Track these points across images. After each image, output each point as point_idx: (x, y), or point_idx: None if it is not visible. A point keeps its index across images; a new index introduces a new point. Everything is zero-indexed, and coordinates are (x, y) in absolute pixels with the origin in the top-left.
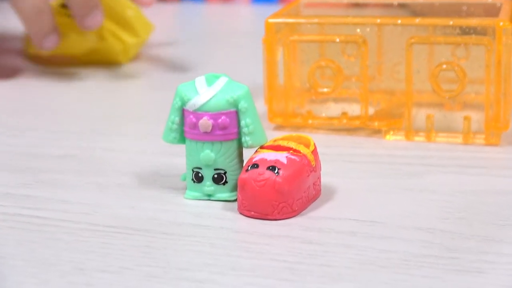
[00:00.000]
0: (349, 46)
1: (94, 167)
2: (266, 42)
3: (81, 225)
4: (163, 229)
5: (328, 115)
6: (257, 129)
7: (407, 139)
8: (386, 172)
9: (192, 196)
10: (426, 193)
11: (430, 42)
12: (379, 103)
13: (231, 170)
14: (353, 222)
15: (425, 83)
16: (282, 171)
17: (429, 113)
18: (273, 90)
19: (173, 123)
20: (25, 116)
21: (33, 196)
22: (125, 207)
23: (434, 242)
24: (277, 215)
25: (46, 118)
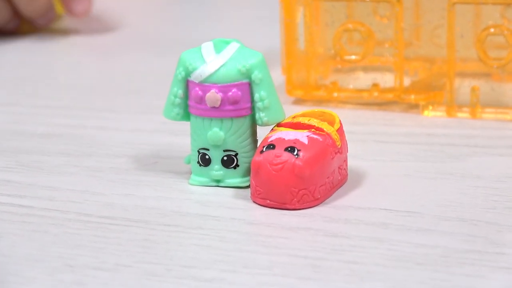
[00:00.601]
0: (381, 6)
1: (83, 148)
2: (284, 1)
3: (70, 215)
4: (165, 220)
5: (356, 87)
6: (273, 104)
7: (448, 115)
8: (424, 154)
9: (198, 182)
10: (470, 178)
11: (475, 1)
12: (417, 73)
13: (243, 151)
14: (385, 213)
15: (470, 49)
16: (303, 152)
17: (474, 85)
18: (292, 57)
19: (176, 96)
20: (2, 89)
21: (14, 181)
22: (120, 194)
23: (479, 235)
24: (296, 204)
25: (27, 91)
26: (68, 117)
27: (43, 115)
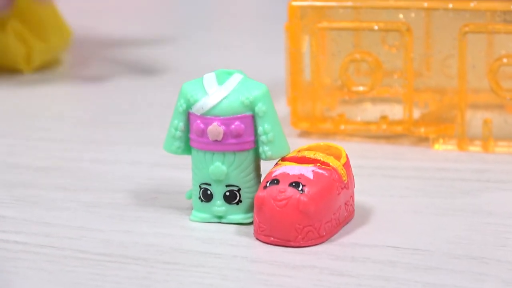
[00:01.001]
0: (390, 35)
1: (80, 182)
2: (290, 30)
3: (66, 252)
4: (165, 258)
5: (364, 119)
6: (277, 137)
7: (460, 149)
8: (434, 190)
9: (199, 218)
10: (481, 215)
11: (487, 30)
12: (427, 105)
13: (246, 186)
14: (393, 250)
15: (482, 80)
16: (308, 188)
17: (486, 117)
18: (298, 88)
19: (177, 129)
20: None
21: (9, 217)
22: (119, 231)
23: (489, 274)
24: (301, 241)
25: (22, 123)
26: (65, 150)
27: (39, 148)
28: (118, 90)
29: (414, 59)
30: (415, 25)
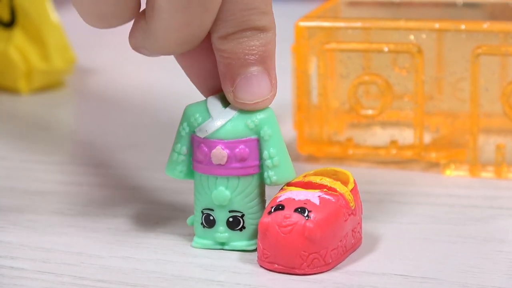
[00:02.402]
0: (400, 57)
1: (79, 206)
2: (297, 51)
3: (65, 279)
4: (166, 285)
5: (373, 143)
6: (283, 161)
7: (472, 175)
8: (445, 217)
9: (201, 245)
10: (494, 243)
11: (501, 53)
12: (438, 129)
13: (250, 212)
14: (401, 279)
15: (495, 104)
16: (314, 214)
17: (499, 143)
18: (305, 111)
19: (179, 153)
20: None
21: (5, 241)
22: (118, 257)
23: None
24: (306, 268)
25: (19, 145)
26: (63, 173)
27: (36, 171)
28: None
29: (425, 81)
30: (426, 46)
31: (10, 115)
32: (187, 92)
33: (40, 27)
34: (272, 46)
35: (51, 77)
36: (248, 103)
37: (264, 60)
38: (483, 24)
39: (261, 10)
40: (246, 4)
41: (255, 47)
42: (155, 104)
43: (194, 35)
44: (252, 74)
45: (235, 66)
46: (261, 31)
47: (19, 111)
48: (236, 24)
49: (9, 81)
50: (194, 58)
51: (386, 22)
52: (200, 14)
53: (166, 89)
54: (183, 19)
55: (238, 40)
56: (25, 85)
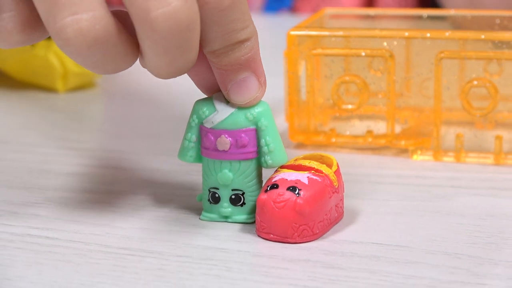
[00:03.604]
0: (375, 61)
1: (105, 186)
2: (288, 56)
3: (92, 247)
4: (178, 252)
5: (352, 133)
6: (277, 148)
7: (435, 159)
8: (413, 194)
9: (208, 218)
10: (455, 216)
11: (460, 57)
12: (407, 121)
13: (250, 191)
14: (377, 246)
15: (455, 100)
16: (303, 192)
17: (459, 132)
18: (295, 107)
19: (190, 141)
20: (33, 132)
21: (42, 215)
22: (138, 228)
23: (461, 268)
24: (297, 238)
25: (55, 134)
26: (93, 158)
27: (69, 156)
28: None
29: (396, 81)
30: (397, 52)
31: (49, 110)
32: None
33: None
34: (256, 49)
35: (83, 79)
36: (241, 103)
37: (250, 65)
38: (445, 32)
39: (242, 27)
40: (228, 25)
41: (241, 56)
42: (170, 101)
43: (183, 68)
44: (241, 80)
45: (225, 74)
46: (244, 42)
47: (57, 106)
48: (222, 43)
49: (49, 82)
50: (193, 69)
51: (363, 31)
52: (181, 54)
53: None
54: (166, 60)
55: (225, 54)
56: (61, 85)
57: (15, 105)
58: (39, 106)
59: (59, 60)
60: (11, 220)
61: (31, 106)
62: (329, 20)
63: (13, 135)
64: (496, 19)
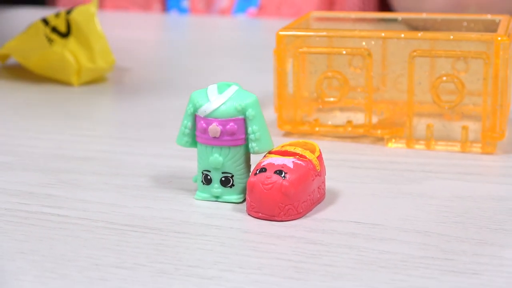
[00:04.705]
0: (355, 58)
1: (112, 169)
2: (277, 54)
3: (99, 223)
4: (176, 228)
5: (334, 123)
6: (263, 136)
7: (408, 147)
8: (387, 178)
9: (201, 197)
10: (425, 198)
11: (431, 55)
12: (383, 113)
13: (238, 174)
14: (355, 225)
15: (426, 94)
16: (289, 175)
17: (429, 123)
18: (283, 99)
19: (186, 127)
20: (49, 121)
21: (55, 195)
22: (141, 207)
23: (431, 244)
24: (283, 216)
25: (68, 122)
26: (102, 144)
27: (81, 143)
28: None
29: (373, 77)
30: (374, 50)
31: (64, 101)
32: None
33: (88, 37)
34: None
35: (96, 74)
36: None
37: None
38: (418, 33)
39: None
40: None
41: None
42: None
43: None
44: None
45: None
46: None
47: (71, 98)
48: None
49: (64, 76)
50: None
51: (344, 32)
52: None
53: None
54: None
55: None
56: (76, 79)
57: (34, 96)
58: (56, 98)
59: (74, 57)
60: (27, 199)
61: (48, 97)
62: (314, 22)
63: (31, 123)
64: (464, 22)
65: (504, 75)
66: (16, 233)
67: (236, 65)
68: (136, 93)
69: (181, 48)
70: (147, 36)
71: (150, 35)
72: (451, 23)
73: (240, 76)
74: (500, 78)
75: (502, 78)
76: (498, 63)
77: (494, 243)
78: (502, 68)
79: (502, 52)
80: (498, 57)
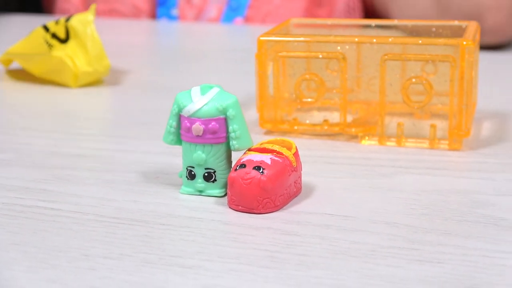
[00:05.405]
0: (331, 62)
1: (104, 165)
2: (258, 58)
3: (89, 217)
4: (161, 221)
5: (311, 122)
6: (243, 134)
7: (380, 144)
8: (360, 173)
9: (186, 191)
10: (395, 191)
11: (401, 58)
12: (357, 112)
13: (220, 169)
14: (328, 217)
15: (397, 95)
16: (267, 170)
17: (399, 121)
18: (264, 100)
19: (171, 126)
20: (47, 120)
21: (49, 190)
22: (129, 201)
23: (399, 235)
24: (261, 209)
25: (65, 122)
26: (95, 142)
27: (76, 140)
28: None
29: (348, 79)
30: (349, 54)
31: (62, 102)
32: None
33: (85, 42)
34: None
35: (92, 77)
36: None
37: None
38: (389, 38)
39: None
40: None
41: None
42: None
43: None
44: None
45: None
46: None
47: (69, 100)
48: None
49: (63, 79)
50: None
51: (321, 37)
52: None
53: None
54: None
55: None
56: (74, 82)
57: (34, 97)
58: (54, 99)
59: (72, 61)
60: (23, 193)
61: (47, 98)
62: (293, 28)
63: (30, 122)
64: (432, 28)
65: (469, 77)
66: (11, 226)
67: (222, 68)
68: (128, 95)
69: (170, 52)
70: (139, 42)
71: (142, 40)
72: (421, 28)
73: (225, 79)
74: (466, 80)
75: (468, 80)
76: (463, 65)
77: (458, 234)
78: (468, 70)
79: (468, 55)
80: (464, 60)
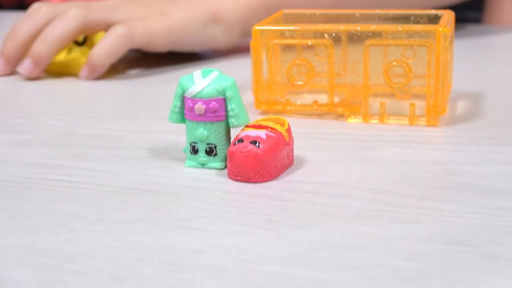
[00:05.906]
0: (319, 48)
1: (116, 143)
2: (253, 45)
3: (104, 188)
4: (168, 190)
5: (302, 103)
6: (241, 112)
7: (364, 121)
8: (347, 147)
9: (189, 165)
10: (378, 163)
11: (383, 44)
12: (343, 94)
13: (220, 144)
14: (318, 185)
15: (379, 77)
16: (262, 144)
17: (382, 101)
18: (259, 84)
19: (176, 107)
20: (62, 105)
21: (67, 165)
22: (139, 174)
23: (381, 199)
24: (258, 179)
25: (81, 106)
26: (107, 123)
27: (90, 122)
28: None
29: (334, 64)
30: (335, 41)
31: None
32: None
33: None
34: None
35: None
36: None
37: None
38: (372, 26)
39: None
40: None
41: None
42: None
43: None
44: None
45: None
46: None
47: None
48: None
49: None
50: None
51: (310, 26)
52: None
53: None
54: None
55: None
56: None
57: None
58: (69, 87)
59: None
60: (43, 169)
61: (62, 87)
62: (285, 18)
63: (47, 108)
64: (411, 16)
65: (444, 60)
66: (34, 197)
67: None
68: (136, 81)
69: None
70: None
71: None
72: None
73: (225, 65)
74: (441, 63)
75: (443, 63)
76: (439, 50)
77: (434, 198)
78: (443, 54)
79: (443, 40)
80: (440, 45)
